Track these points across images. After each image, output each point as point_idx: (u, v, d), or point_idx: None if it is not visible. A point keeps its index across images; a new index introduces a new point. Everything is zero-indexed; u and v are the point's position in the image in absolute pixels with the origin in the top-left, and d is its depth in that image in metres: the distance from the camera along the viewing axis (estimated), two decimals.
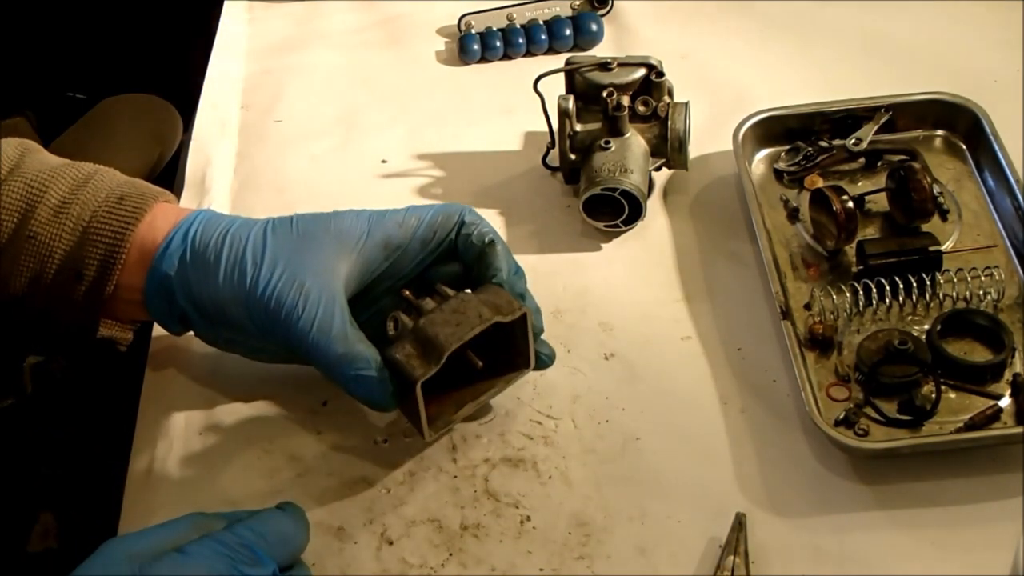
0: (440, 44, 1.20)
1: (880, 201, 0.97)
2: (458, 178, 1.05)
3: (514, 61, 1.18)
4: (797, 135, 1.02)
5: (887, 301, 0.89)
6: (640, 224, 0.98)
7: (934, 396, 0.84)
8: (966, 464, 0.81)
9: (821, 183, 0.98)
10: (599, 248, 0.99)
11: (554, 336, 0.89)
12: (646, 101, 0.99)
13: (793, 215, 0.98)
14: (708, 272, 0.96)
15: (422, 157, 1.08)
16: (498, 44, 1.17)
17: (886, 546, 0.78)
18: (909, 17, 1.16)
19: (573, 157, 1.00)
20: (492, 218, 0.85)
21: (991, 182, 0.97)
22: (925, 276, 0.89)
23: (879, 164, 1.01)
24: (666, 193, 1.02)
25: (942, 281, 0.90)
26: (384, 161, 1.08)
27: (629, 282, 0.96)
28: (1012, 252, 0.93)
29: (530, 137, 1.08)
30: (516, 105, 1.09)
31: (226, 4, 1.26)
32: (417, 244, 0.84)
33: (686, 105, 1.00)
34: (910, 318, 0.90)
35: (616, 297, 0.95)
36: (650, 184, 1.00)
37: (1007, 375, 0.85)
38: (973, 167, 1.00)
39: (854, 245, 0.93)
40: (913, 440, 0.82)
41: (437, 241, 0.84)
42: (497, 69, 1.17)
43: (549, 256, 0.98)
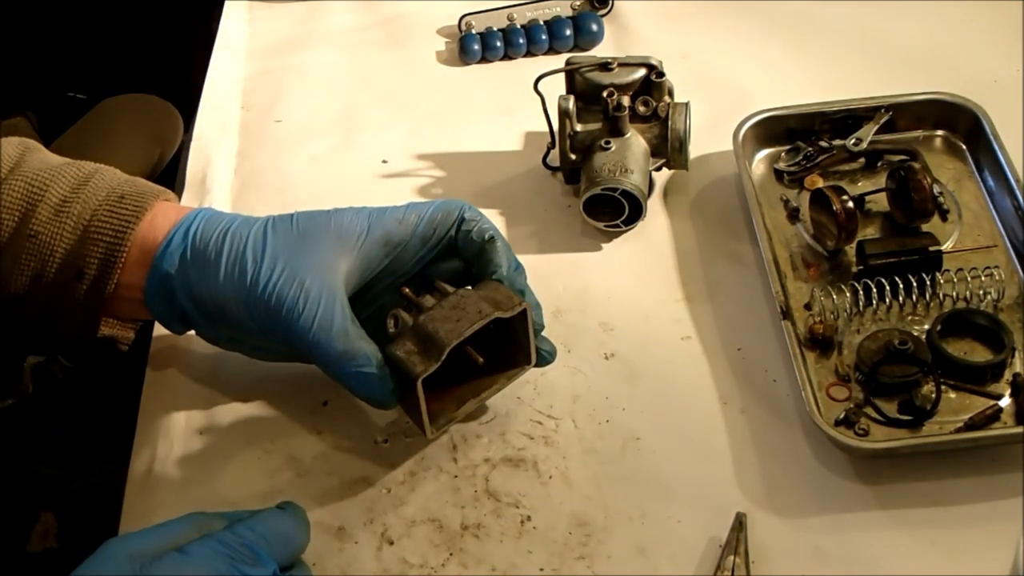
0: (440, 44, 1.20)
1: (880, 201, 0.97)
2: (458, 178, 1.05)
3: (514, 61, 1.18)
4: (797, 135, 1.02)
5: (887, 301, 0.90)
6: (640, 224, 0.98)
7: (934, 396, 0.84)
8: (966, 464, 0.81)
9: (821, 183, 0.98)
10: (599, 248, 0.99)
11: (554, 336, 0.88)
12: (646, 101, 0.99)
13: (793, 215, 0.98)
14: (708, 272, 0.96)
15: (422, 157, 1.08)
16: (498, 44, 1.17)
17: (886, 546, 0.78)
18: (909, 17, 1.16)
19: (573, 157, 1.00)
20: (492, 218, 0.85)
21: (991, 182, 0.97)
22: (925, 276, 0.89)
23: (879, 164, 1.01)
24: (666, 193, 1.02)
25: (942, 281, 0.90)
26: (384, 161, 1.08)
27: (629, 282, 0.96)
28: (1012, 252, 0.93)
29: (530, 137, 1.08)
30: (516, 105, 1.09)
31: (226, 4, 1.26)
32: (417, 241, 0.84)
33: (686, 105, 1.00)
34: (910, 318, 0.90)
35: (616, 297, 0.95)
36: (650, 184, 1.00)
37: (1007, 375, 0.85)
38: (973, 167, 1.00)
39: (854, 245, 0.93)
40: (913, 440, 0.82)
41: (437, 238, 0.84)
42: (497, 69, 1.17)
43: (549, 256, 0.98)
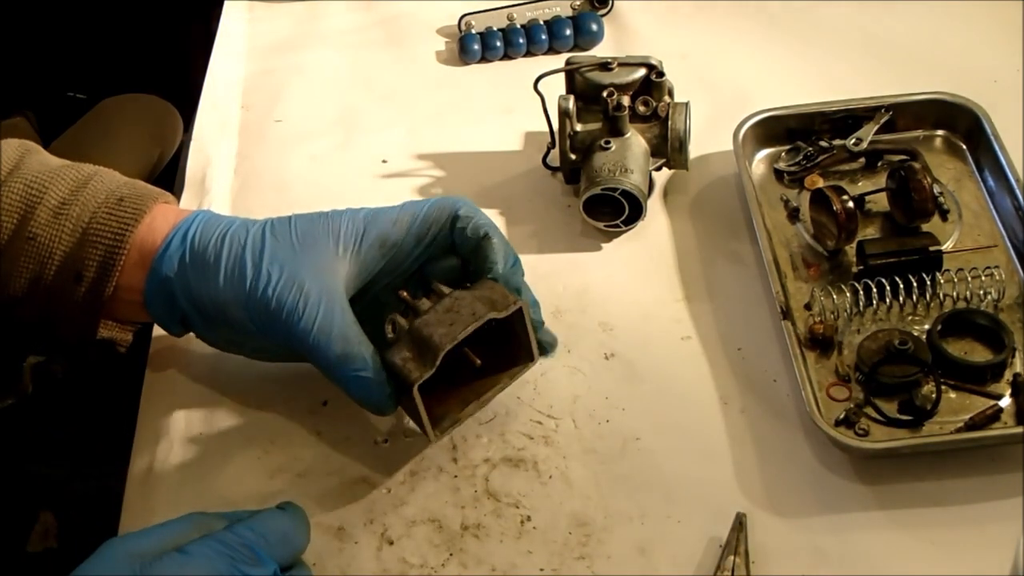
0: (440, 44, 1.20)
1: (880, 201, 0.97)
2: (458, 178, 1.05)
3: (514, 61, 1.18)
4: (797, 135, 1.02)
5: (887, 301, 0.90)
6: (640, 224, 0.98)
7: (934, 396, 0.84)
8: (966, 464, 0.81)
9: (821, 183, 0.98)
10: (599, 248, 0.99)
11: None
12: (646, 101, 0.99)
13: (793, 215, 0.98)
14: (708, 272, 0.96)
15: (422, 157, 1.08)
16: (498, 44, 1.17)
17: (886, 546, 0.78)
18: (909, 17, 1.16)
19: (573, 157, 1.00)
20: (492, 218, 0.85)
21: (991, 182, 0.97)
22: (925, 276, 0.89)
23: (879, 164, 1.01)
24: (666, 193, 1.02)
25: (942, 281, 0.90)
26: (384, 161, 1.08)
27: (629, 282, 0.96)
28: (1012, 252, 0.93)
29: (530, 137, 1.08)
30: (516, 105, 1.09)
31: (226, 4, 1.26)
32: (412, 240, 0.84)
33: (686, 105, 1.00)
34: (910, 318, 0.90)
35: (616, 297, 0.95)
36: (650, 184, 1.00)
37: (1007, 375, 0.85)
38: (973, 167, 1.00)
39: (854, 245, 0.93)
40: (913, 440, 0.82)
41: (431, 236, 0.84)
42: (497, 69, 1.17)
43: (549, 256, 0.98)
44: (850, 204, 0.92)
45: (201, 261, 0.83)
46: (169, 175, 1.34)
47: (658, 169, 1.01)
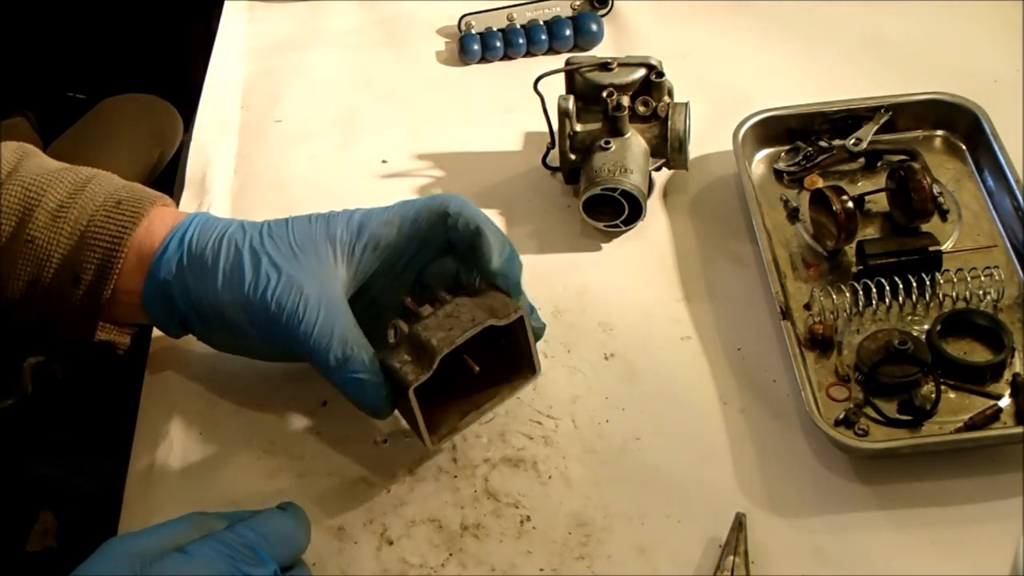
0: (440, 44, 1.20)
1: (880, 201, 0.97)
2: (458, 178, 1.05)
3: (514, 61, 1.18)
4: (797, 135, 1.02)
5: (887, 301, 0.90)
6: (640, 224, 0.98)
7: (934, 396, 0.84)
8: (966, 464, 0.81)
9: (821, 183, 0.98)
10: (599, 248, 0.99)
11: (554, 336, 0.89)
12: (646, 101, 0.99)
13: (793, 215, 0.98)
14: (708, 272, 0.96)
15: (422, 157, 1.08)
16: (498, 44, 1.17)
17: (886, 546, 0.78)
18: (909, 17, 1.16)
19: (573, 157, 1.00)
20: (492, 218, 0.85)
21: (991, 182, 0.97)
22: (925, 276, 0.89)
23: (879, 164, 1.01)
24: (666, 193, 1.02)
25: (942, 281, 0.90)
26: (384, 161, 1.08)
27: (629, 282, 0.96)
28: (1012, 252, 0.93)
29: (530, 137, 1.08)
30: (516, 105, 1.09)
31: (226, 4, 1.26)
32: (404, 240, 0.84)
33: (686, 105, 1.00)
34: (910, 318, 0.90)
35: (616, 297, 0.95)
36: (650, 184, 1.00)
37: (1007, 375, 0.85)
38: (973, 167, 1.00)
39: (854, 245, 0.93)
40: (913, 440, 0.82)
41: (423, 236, 0.84)
42: (497, 69, 1.17)
43: (549, 256, 0.98)
44: (850, 204, 0.92)
45: (199, 264, 0.83)
46: (169, 175, 1.34)
47: (658, 169, 1.01)
